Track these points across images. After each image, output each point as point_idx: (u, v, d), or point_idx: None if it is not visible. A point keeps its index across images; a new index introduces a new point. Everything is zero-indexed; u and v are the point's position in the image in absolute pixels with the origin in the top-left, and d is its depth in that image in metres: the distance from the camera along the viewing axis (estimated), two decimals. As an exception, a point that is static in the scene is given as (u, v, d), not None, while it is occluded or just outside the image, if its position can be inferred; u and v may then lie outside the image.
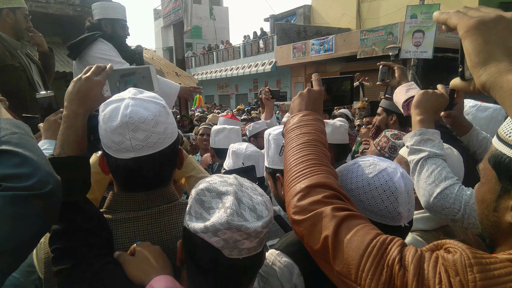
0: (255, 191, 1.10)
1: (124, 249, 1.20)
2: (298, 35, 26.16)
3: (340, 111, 7.59)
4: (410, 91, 1.73)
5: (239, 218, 0.97)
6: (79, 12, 7.86)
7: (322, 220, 0.97)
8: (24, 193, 0.89)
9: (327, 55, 21.62)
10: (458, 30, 0.83)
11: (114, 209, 1.27)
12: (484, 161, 0.89)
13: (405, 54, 14.84)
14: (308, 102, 1.35)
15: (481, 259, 0.75)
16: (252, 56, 28.59)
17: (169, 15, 14.18)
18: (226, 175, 1.12)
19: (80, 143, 1.28)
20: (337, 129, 2.81)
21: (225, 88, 34.29)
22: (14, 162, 0.92)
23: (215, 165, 3.62)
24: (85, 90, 1.31)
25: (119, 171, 1.22)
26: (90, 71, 1.36)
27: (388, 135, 2.32)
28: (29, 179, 0.91)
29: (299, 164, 1.13)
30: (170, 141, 1.25)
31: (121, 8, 3.69)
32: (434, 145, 1.55)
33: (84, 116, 1.30)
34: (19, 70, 3.50)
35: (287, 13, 31.82)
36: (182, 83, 11.91)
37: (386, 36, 17.98)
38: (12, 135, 0.98)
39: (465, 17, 0.83)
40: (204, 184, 1.06)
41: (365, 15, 24.99)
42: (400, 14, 17.74)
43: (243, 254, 1.01)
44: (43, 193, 0.92)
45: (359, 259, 0.87)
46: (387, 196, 1.15)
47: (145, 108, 1.18)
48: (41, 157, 0.98)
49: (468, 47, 0.81)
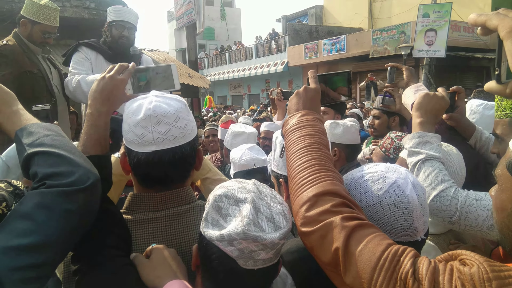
0: (274, 199, 1.07)
1: (142, 250, 1.21)
2: (310, 35, 26.11)
3: (352, 111, 7.57)
4: (419, 93, 1.74)
5: (255, 229, 0.95)
6: (94, 15, 7.99)
7: (331, 231, 0.93)
8: (68, 188, 0.94)
9: (339, 54, 21.55)
10: (499, 31, 0.80)
11: (133, 209, 1.29)
12: (502, 167, 0.84)
13: (418, 53, 14.74)
14: (305, 101, 1.33)
15: (499, 272, 0.72)
16: (264, 57, 28.61)
17: (182, 17, 14.30)
18: (245, 180, 1.10)
19: (103, 142, 1.30)
20: (348, 129, 2.80)
21: (237, 89, 34.35)
22: (52, 162, 0.98)
23: (228, 166, 3.57)
24: (108, 89, 1.34)
25: (140, 165, 1.22)
26: (113, 69, 1.38)
27: (393, 136, 2.32)
28: (71, 176, 0.96)
29: (303, 170, 1.09)
30: (190, 137, 1.27)
31: (119, 10, 3.72)
32: (432, 148, 1.55)
33: (107, 114, 1.33)
34: (37, 76, 3.53)
35: (299, 13, 31.76)
36: (194, 84, 12.01)
37: (398, 35, 17.84)
38: (45, 138, 1.04)
39: (507, 18, 0.79)
40: (222, 190, 1.04)
41: (377, 15, 24.83)
42: (412, 13, 17.61)
43: (258, 265, 0.99)
44: (85, 187, 0.96)
45: (371, 272, 0.84)
46: (400, 214, 1.08)
47: (167, 104, 1.22)
48: (77, 155, 1.04)
49: (510, 48, 0.77)
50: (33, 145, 1.01)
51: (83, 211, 0.98)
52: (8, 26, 3.67)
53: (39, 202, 0.92)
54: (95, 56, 3.65)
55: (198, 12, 12.56)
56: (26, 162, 1.01)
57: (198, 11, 12.55)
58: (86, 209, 0.99)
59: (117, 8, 3.77)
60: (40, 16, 3.48)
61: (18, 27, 3.57)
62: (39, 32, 3.54)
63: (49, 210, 0.92)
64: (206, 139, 4.99)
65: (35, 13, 3.47)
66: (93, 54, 3.64)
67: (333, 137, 2.79)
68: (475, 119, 2.28)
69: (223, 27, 33.87)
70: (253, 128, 3.58)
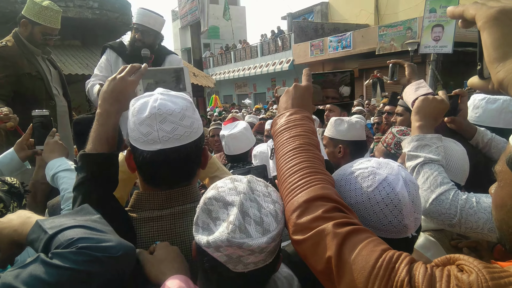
0: (268, 197, 1.05)
1: (147, 248, 1.22)
2: (315, 32, 25.98)
3: (358, 108, 7.51)
4: (420, 90, 1.70)
5: (241, 235, 0.94)
6: (97, 15, 8.00)
7: (324, 239, 0.90)
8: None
9: (345, 51, 21.43)
10: (476, 21, 0.76)
11: (138, 207, 1.30)
12: (501, 163, 0.82)
13: (425, 49, 14.58)
14: (294, 99, 1.29)
15: (499, 279, 0.69)
16: (270, 55, 28.56)
17: (186, 16, 14.28)
18: (240, 178, 1.08)
19: (111, 141, 1.32)
20: (353, 126, 2.77)
21: (243, 88, 34.34)
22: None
23: (227, 166, 3.55)
24: (119, 90, 1.35)
25: (145, 164, 1.23)
26: (124, 71, 1.39)
27: (394, 131, 2.32)
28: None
29: (292, 174, 1.06)
30: (196, 136, 1.27)
31: (139, 13, 3.82)
32: (430, 151, 1.54)
33: (116, 114, 1.34)
34: (36, 78, 3.52)
35: (304, 10, 31.64)
36: (199, 83, 12.00)
37: (404, 31, 17.71)
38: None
39: (484, 7, 0.76)
40: (213, 192, 1.04)
41: (383, 11, 24.66)
42: (419, 9, 17.44)
43: (249, 267, 0.99)
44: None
45: (365, 281, 0.81)
46: (390, 211, 1.06)
47: (173, 102, 1.22)
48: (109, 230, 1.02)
49: (486, 40, 0.73)
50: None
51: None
52: (11, 27, 3.66)
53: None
54: (116, 58, 3.81)
55: (202, 10, 12.54)
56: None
57: (202, 9, 12.53)
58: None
59: (138, 10, 3.85)
60: (41, 17, 3.47)
61: (18, 27, 3.55)
62: (39, 34, 3.53)
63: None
64: (211, 139, 5.02)
65: (36, 14, 3.45)
66: (114, 56, 3.82)
67: (338, 134, 2.76)
68: (478, 113, 2.24)
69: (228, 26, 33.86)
70: (237, 129, 3.41)
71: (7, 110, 2.64)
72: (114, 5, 8.34)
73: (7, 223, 1.12)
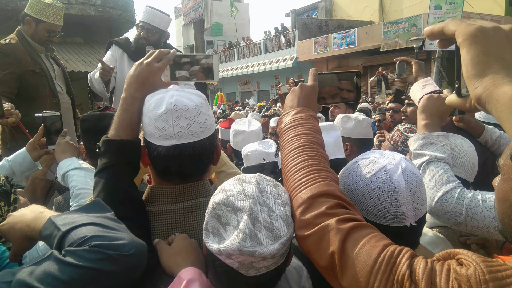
0: (278, 199, 1.04)
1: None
2: (319, 29, 25.87)
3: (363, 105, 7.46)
4: (426, 87, 1.69)
5: (252, 243, 0.94)
6: (100, 12, 7.97)
7: (327, 234, 0.93)
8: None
9: (349, 48, 21.32)
10: (456, 37, 0.78)
11: (151, 201, 1.32)
12: (505, 157, 0.84)
13: (430, 46, 14.54)
14: (300, 98, 1.32)
15: (496, 273, 0.71)
16: (273, 52, 28.47)
17: (189, 12, 14.29)
18: (248, 178, 1.08)
19: (134, 127, 1.32)
20: (360, 123, 2.76)
21: (246, 85, 34.31)
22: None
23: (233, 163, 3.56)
24: (145, 75, 1.34)
25: (160, 158, 1.24)
26: (152, 56, 1.37)
27: (401, 128, 2.32)
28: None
29: (297, 171, 1.09)
30: (210, 132, 1.29)
31: (144, 11, 3.86)
32: (436, 149, 1.55)
33: (141, 100, 1.32)
34: (39, 75, 3.53)
35: (308, 7, 31.56)
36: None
37: (409, 28, 17.61)
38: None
39: (463, 23, 0.77)
40: (221, 196, 1.02)
41: (388, 7, 24.54)
42: (424, 5, 17.36)
43: (262, 271, 0.99)
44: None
45: (367, 276, 0.84)
46: (385, 197, 1.10)
47: (188, 98, 1.25)
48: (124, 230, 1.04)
49: (465, 56, 0.75)
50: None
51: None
52: (13, 24, 3.66)
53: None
54: (121, 54, 3.88)
55: (206, 7, 12.53)
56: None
57: (205, 6, 12.51)
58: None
59: (145, 9, 3.88)
60: (45, 14, 3.46)
61: (22, 25, 3.54)
62: (44, 31, 3.52)
63: None
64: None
65: (40, 11, 3.44)
66: (120, 52, 3.89)
67: (345, 131, 2.74)
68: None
69: (231, 23, 33.88)
70: (256, 125, 3.45)
71: (9, 106, 2.64)
72: (117, 2, 8.31)
73: (20, 217, 1.12)
